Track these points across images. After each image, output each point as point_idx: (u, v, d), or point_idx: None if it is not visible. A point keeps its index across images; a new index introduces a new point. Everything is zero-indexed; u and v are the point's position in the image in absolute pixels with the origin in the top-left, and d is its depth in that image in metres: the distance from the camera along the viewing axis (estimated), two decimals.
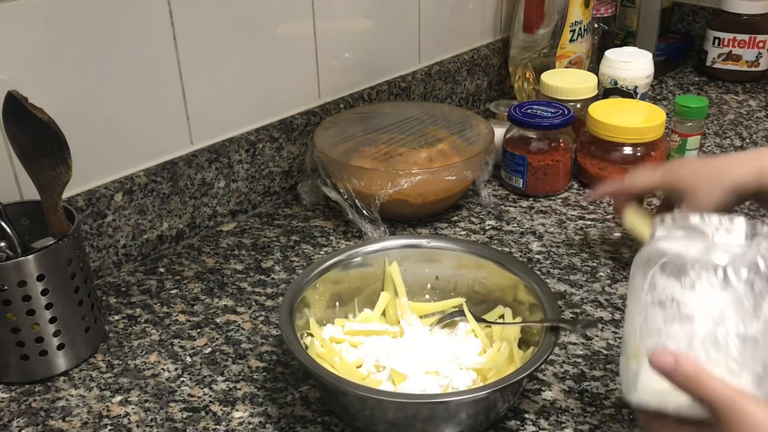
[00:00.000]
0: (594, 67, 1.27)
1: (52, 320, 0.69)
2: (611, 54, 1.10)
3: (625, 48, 1.13)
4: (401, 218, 0.94)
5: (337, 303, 0.73)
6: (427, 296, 0.76)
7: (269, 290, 0.83)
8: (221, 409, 0.67)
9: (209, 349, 0.74)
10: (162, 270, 0.86)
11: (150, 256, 0.89)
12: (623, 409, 0.65)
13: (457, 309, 0.74)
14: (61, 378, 0.71)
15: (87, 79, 0.79)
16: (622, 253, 0.87)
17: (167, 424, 0.65)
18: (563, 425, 0.64)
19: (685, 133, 1.01)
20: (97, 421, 0.66)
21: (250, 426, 0.65)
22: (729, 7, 1.26)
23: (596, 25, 1.27)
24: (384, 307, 0.74)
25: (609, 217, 0.95)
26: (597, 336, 0.74)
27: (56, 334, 0.69)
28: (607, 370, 0.70)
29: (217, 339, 0.75)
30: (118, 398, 0.68)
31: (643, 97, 1.09)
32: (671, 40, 1.40)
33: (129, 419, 0.66)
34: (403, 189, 0.87)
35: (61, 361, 0.71)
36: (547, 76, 1.07)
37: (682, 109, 1.00)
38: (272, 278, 0.85)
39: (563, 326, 0.62)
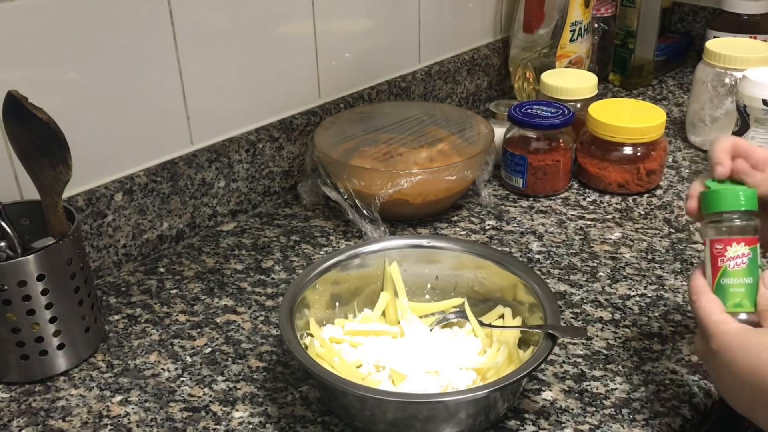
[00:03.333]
0: (594, 67, 1.27)
1: (52, 320, 0.69)
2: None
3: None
4: (401, 218, 0.94)
5: (337, 303, 0.73)
6: (427, 296, 0.76)
7: (269, 290, 0.83)
8: (221, 409, 0.67)
9: (209, 349, 0.74)
10: (162, 270, 0.86)
11: (150, 256, 0.89)
12: (623, 409, 0.65)
13: (457, 309, 0.74)
14: (61, 378, 0.71)
15: (87, 79, 0.79)
16: (622, 253, 0.87)
17: (167, 424, 0.65)
18: (563, 425, 0.64)
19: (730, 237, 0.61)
20: (97, 421, 0.66)
21: (250, 426, 0.65)
22: (729, 7, 1.26)
23: (596, 25, 1.27)
24: (384, 308, 0.74)
25: (609, 217, 0.95)
26: (597, 336, 0.74)
27: (56, 334, 0.69)
28: (607, 370, 0.70)
29: (217, 339, 0.75)
30: (118, 398, 0.68)
31: None
32: (671, 40, 1.40)
33: (129, 419, 0.66)
34: (403, 189, 0.87)
35: (61, 361, 0.71)
36: (547, 76, 1.07)
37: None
38: (272, 278, 0.85)
39: (553, 333, 0.62)
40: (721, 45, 1.08)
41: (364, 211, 0.89)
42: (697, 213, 0.61)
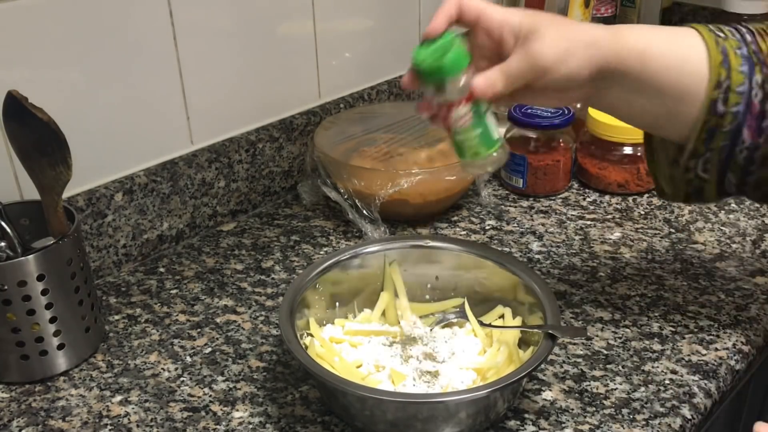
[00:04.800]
0: None
1: (52, 320, 0.69)
2: None
3: None
4: (401, 218, 0.94)
5: (337, 303, 0.73)
6: (427, 296, 0.76)
7: (269, 290, 0.83)
8: (221, 409, 0.67)
9: (209, 349, 0.74)
10: (162, 270, 0.86)
11: (150, 256, 0.89)
12: (623, 409, 0.65)
13: (457, 309, 0.74)
14: (61, 378, 0.71)
15: (87, 79, 0.79)
16: (622, 253, 0.87)
17: (167, 424, 0.65)
18: (563, 425, 0.64)
19: None
20: (97, 421, 0.66)
21: (250, 426, 0.65)
22: (729, 7, 1.26)
23: None
24: (384, 308, 0.74)
25: (609, 217, 0.95)
26: (597, 336, 0.74)
27: (56, 334, 0.69)
28: (607, 370, 0.70)
29: (217, 339, 0.75)
30: (118, 398, 0.68)
31: None
32: None
33: (129, 419, 0.66)
34: (403, 189, 0.87)
35: (61, 361, 0.71)
36: None
37: None
38: (272, 278, 0.85)
39: (553, 333, 0.62)
40: None
41: (364, 211, 0.89)
42: (416, 84, 0.63)
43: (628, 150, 0.98)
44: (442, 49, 0.60)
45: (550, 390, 0.68)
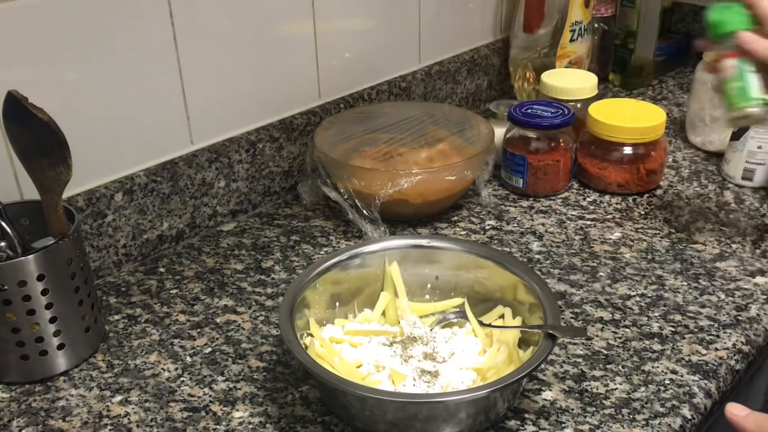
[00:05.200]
0: (594, 67, 1.27)
1: (52, 320, 0.69)
2: None
3: None
4: (401, 218, 0.94)
5: (337, 303, 0.73)
6: (427, 296, 0.76)
7: (269, 290, 0.83)
8: (221, 409, 0.67)
9: (209, 349, 0.74)
10: (162, 270, 0.86)
11: (150, 256, 0.89)
12: (623, 409, 0.65)
13: (457, 309, 0.74)
14: (61, 378, 0.71)
15: (87, 79, 0.79)
16: (622, 253, 0.87)
17: (167, 424, 0.65)
18: (563, 425, 0.64)
19: None
20: (97, 421, 0.66)
21: (250, 426, 0.65)
22: None
23: (596, 25, 1.27)
24: (384, 308, 0.74)
25: (609, 217, 0.95)
26: (597, 336, 0.74)
27: (56, 334, 0.69)
28: (607, 370, 0.70)
29: (217, 339, 0.75)
30: (118, 398, 0.68)
31: None
32: (671, 40, 1.40)
33: (129, 419, 0.66)
34: (403, 189, 0.87)
35: (61, 361, 0.71)
36: (547, 76, 1.07)
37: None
38: (272, 278, 0.85)
39: (553, 333, 0.62)
40: None
41: (364, 211, 0.89)
42: (708, 46, 0.78)
43: (628, 150, 0.98)
44: (728, 9, 0.75)
45: (550, 390, 0.68)
